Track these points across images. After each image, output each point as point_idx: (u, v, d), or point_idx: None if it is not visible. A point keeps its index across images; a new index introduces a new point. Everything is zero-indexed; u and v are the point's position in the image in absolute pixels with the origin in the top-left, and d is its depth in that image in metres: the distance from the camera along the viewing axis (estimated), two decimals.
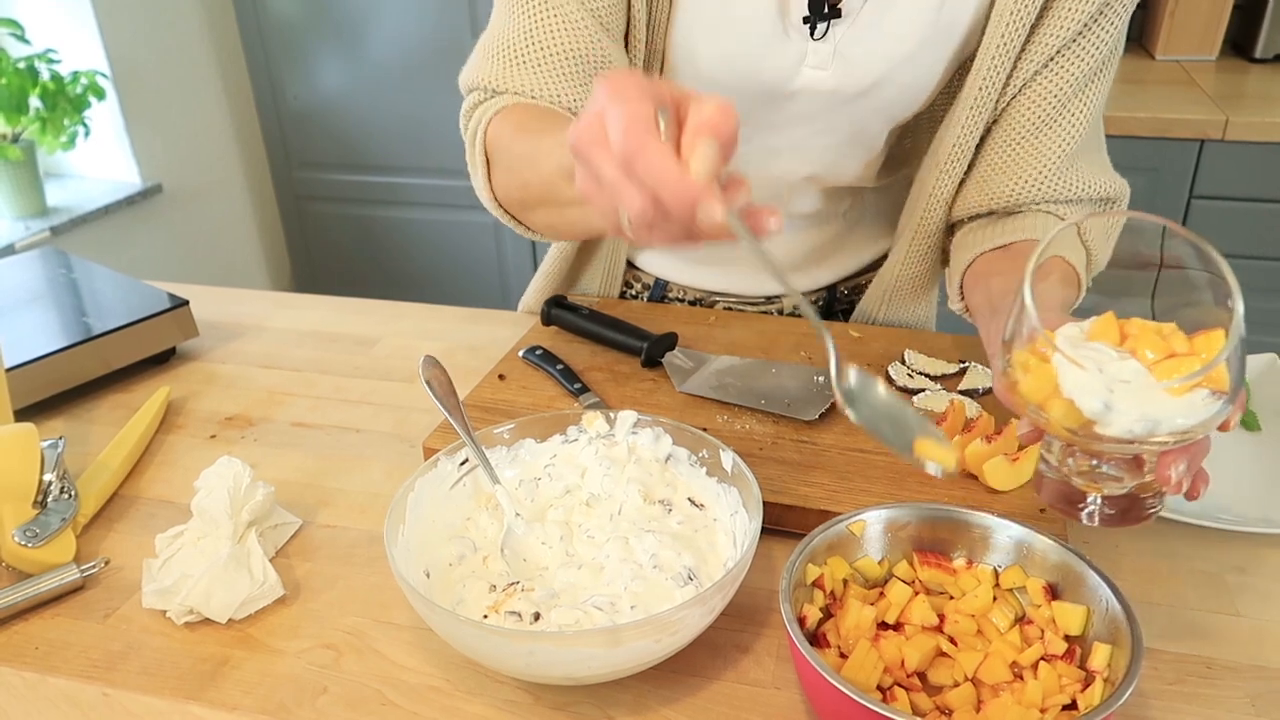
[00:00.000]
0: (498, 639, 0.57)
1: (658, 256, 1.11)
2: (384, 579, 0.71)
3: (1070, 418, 0.52)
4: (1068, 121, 0.87)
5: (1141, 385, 0.51)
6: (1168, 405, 0.51)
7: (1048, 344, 0.53)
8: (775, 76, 0.87)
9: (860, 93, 0.88)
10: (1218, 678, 0.62)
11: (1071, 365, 0.52)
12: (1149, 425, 0.51)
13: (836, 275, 1.10)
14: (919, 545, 0.66)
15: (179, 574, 0.67)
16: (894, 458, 0.78)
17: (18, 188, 2.23)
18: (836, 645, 0.60)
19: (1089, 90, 0.87)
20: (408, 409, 0.93)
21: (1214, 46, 2.24)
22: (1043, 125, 0.87)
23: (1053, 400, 0.53)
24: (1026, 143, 0.88)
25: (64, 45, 2.30)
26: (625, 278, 1.13)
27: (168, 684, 0.63)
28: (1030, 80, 0.86)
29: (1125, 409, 0.51)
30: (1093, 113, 0.88)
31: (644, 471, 0.72)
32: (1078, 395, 0.51)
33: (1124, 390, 0.51)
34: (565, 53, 0.84)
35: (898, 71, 0.87)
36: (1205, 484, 0.59)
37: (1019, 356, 0.55)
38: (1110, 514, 0.58)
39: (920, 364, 0.91)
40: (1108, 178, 0.91)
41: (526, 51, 0.85)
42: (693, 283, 1.10)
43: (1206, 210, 1.97)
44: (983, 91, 0.86)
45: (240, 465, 0.72)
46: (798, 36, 0.85)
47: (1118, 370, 0.51)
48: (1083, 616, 0.59)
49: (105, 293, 1.09)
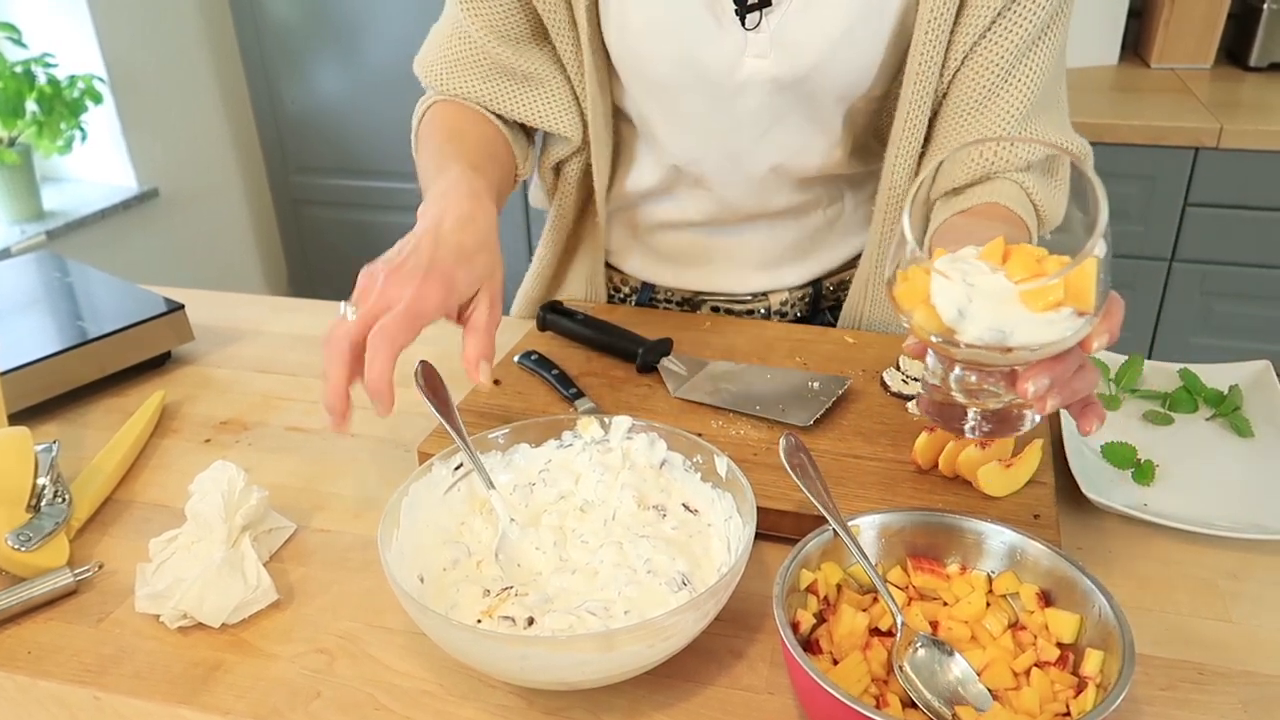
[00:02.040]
0: (491, 644, 0.57)
1: (640, 259, 1.12)
2: (378, 584, 0.71)
3: (931, 322, 0.57)
4: (1015, 87, 0.87)
5: (997, 296, 0.55)
6: (1021, 317, 0.55)
7: (920, 258, 0.58)
8: (719, 70, 0.89)
9: (804, 76, 0.89)
10: (1209, 684, 0.62)
11: (939, 276, 0.56)
12: (998, 334, 0.55)
13: (821, 270, 1.10)
14: (913, 551, 0.66)
15: (172, 578, 0.67)
16: (888, 463, 0.78)
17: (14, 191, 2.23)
18: (829, 651, 0.60)
19: (1035, 52, 0.86)
20: (402, 414, 0.93)
21: (1209, 55, 2.26)
22: (990, 93, 0.87)
23: (920, 307, 0.57)
24: (977, 113, 0.88)
25: (61, 49, 2.30)
26: (614, 281, 1.14)
27: (160, 688, 0.63)
28: (971, 50, 0.86)
29: (979, 317, 0.55)
30: (1043, 74, 0.87)
31: (638, 477, 0.72)
32: (939, 302, 0.56)
33: (981, 299, 0.55)
34: (479, 62, 0.96)
35: (837, 51, 0.87)
36: (1099, 419, 0.64)
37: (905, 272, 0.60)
38: (988, 428, 0.63)
39: (915, 369, 0.91)
40: (1066, 137, 0.91)
41: (449, 58, 0.97)
42: (678, 284, 1.11)
43: (1201, 218, 1.98)
44: (923, 66, 0.86)
45: (235, 470, 0.72)
46: (733, 28, 0.87)
47: (980, 282, 0.55)
48: (1075, 624, 0.59)
49: (101, 297, 1.09)
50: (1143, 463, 0.80)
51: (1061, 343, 0.56)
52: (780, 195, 1.02)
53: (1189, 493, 0.78)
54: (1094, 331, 0.57)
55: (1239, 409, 0.86)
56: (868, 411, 0.86)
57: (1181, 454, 0.82)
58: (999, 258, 0.58)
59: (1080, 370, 0.61)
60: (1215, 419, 0.87)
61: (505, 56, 0.95)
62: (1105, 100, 2.09)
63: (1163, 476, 0.80)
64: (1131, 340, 2.12)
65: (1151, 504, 0.76)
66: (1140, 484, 0.79)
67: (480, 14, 0.93)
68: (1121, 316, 0.60)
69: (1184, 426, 0.86)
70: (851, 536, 0.63)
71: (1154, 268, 2.04)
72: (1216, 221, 1.97)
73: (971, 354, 0.57)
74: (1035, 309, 0.55)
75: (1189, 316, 2.06)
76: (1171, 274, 2.04)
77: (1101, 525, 0.75)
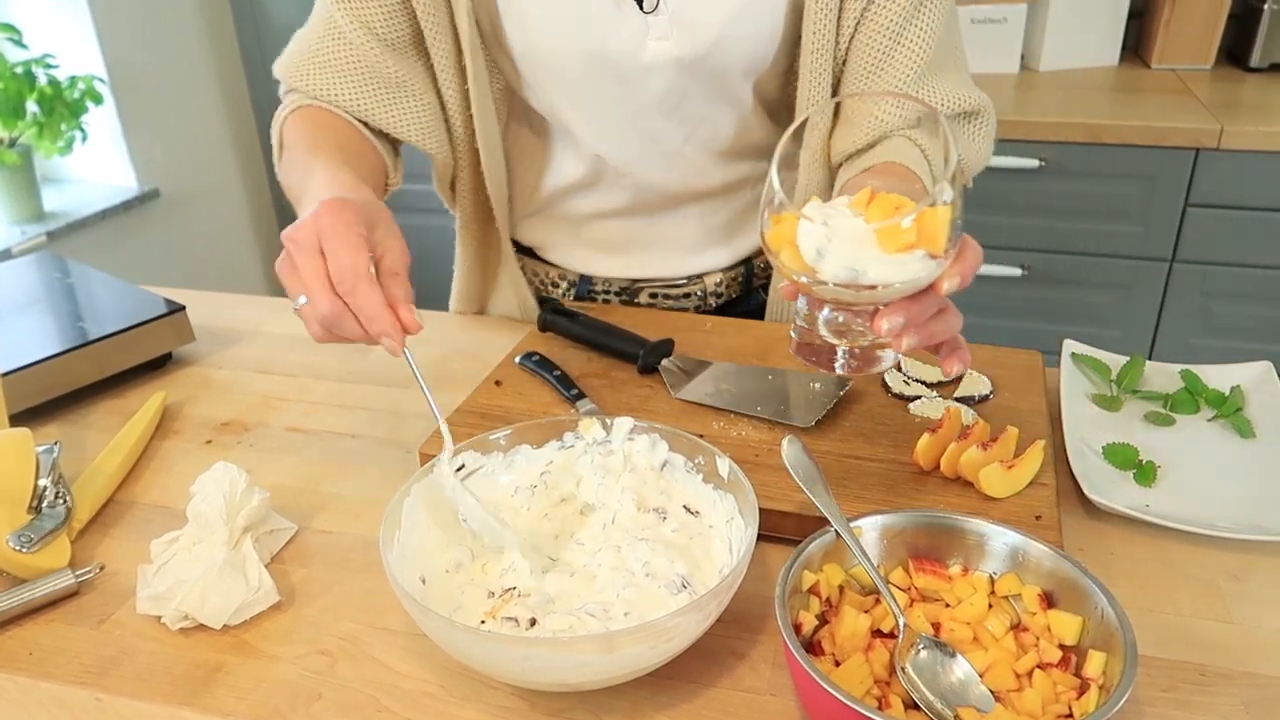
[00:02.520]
0: (492, 645, 0.57)
1: (574, 253, 1.12)
2: (379, 585, 0.71)
3: (795, 262, 0.61)
4: (908, 48, 0.90)
5: (853, 237, 0.60)
6: (874, 257, 0.59)
7: (786, 205, 0.62)
8: (624, 55, 0.90)
9: (706, 54, 0.90)
10: (1211, 685, 0.62)
11: (805, 220, 0.61)
12: (852, 272, 0.60)
13: (750, 249, 1.12)
14: (915, 552, 0.66)
15: (174, 579, 0.67)
16: (889, 465, 0.78)
17: (14, 192, 2.23)
18: (832, 653, 0.60)
19: (924, 12, 0.89)
20: (403, 414, 0.93)
21: (1209, 56, 2.25)
22: (885, 55, 0.90)
23: (786, 248, 0.62)
24: (874, 75, 0.91)
25: (62, 50, 2.30)
26: (551, 276, 1.14)
27: (161, 689, 0.63)
28: (863, 15, 0.89)
29: (836, 255, 0.60)
30: (934, 33, 0.90)
31: (639, 480, 0.72)
32: (801, 243, 0.61)
33: (838, 240, 0.60)
34: (352, 65, 0.93)
35: (735, 27, 0.89)
36: (962, 363, 0.68)
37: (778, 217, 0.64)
38: (855, 364, 0.67)
39: (917, 371, 0.91)
40: (963, 91, 0.94)
41: (320, 59, 0.94)
42: (614, 274, 1.12)
43: (1202, 219, 1.97)
44: (818, 35, 0.89)
45: (236, 471, 0.72)
46: (633, 13, 0.88)
47: (839, 225, 0.60)
48: (1078, 627, 0.59)
49: (101, 298, 1.09)
50: (1144, 464, 0.80)
51: (914, 282, 0.61)
52: (705, 176, 1.03)
53: (1191, 494, 0.78)
54: (945, 273, 0.62)
55: (1241, 410, 0.86)
56: (869, 413, 0.85)
57: (1183, 455, 0.82)
58: (864, 205, 0.63)
59: (941, 314, 0.65)
60: (1217, 420, 0.87)
61: (380, 61, 0.93)
62: (1106, 101, 2.09)
63: (1164, 477, 0.80)
64: (1132, 341, 2.12)
65: (1153, 505, 0.76)
66: (1142, 485, 0.79)
67: (360, 15, 0.91)
68: (976, 262, 0.63)
69: (1186, 427, 0.86)
70: (854, 538, 0.63)
71: (1154, 268, 2.04)
72: (1217, 222, 1.97)
73: (833, 292, 0.62)
74: (889, 250, 0.59)
75: (1189, 317, 2.06)
76: (1172, 275, 2.04)
77: (1103, 526, 0.75)
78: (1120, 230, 2.03)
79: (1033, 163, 1.99)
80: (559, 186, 1.05)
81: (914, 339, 0.63)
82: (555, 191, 1.06)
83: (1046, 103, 2.08)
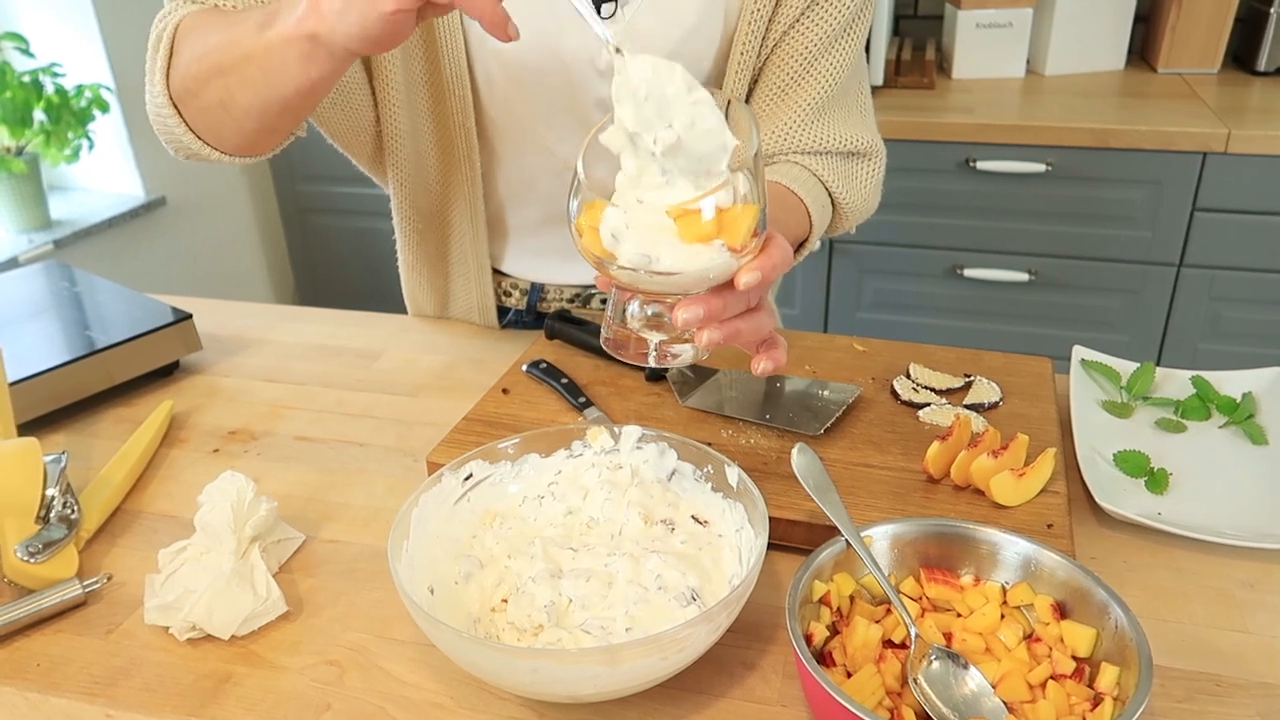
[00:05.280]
0: (501, 656, 0.56)
1: (524, 262, 1.11)
2: (387, 594, 0.71)
3: (595, 245, 0.62)
4: (815, 78, 0.94)
5: (651, 224, 0.60)
6: (669, 244, 0.59)
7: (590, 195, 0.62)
8: (577, 60, 0.92)
9: None
10: (1227, 695, 0.61)
11: (611, 207, 0.61)
12: (645, 258, 0.60)
13: None
14: (926, 561, 0.65)
15: (182, 589, 0.67)
16: (899, 473, 0.78)
17: (21, 201, 2.23)
18: (843, 663, 0.59)
19: (836, 48, 0.93)
20: (411, 423, 0.93)
21: (1216, 59, 2.25)
22: (792, 81, 0.94)
23: (588, 232, 0.62)
24: (778, 98, 0.95)
25: (68, 59, 2.30)
26: (504, 286, 1.13)
27: (170, 701, 0.63)
28: (781, 40, 0.93)
29: (631, 241, 0.60)
30: (840, 72, 0.94)
31: (645, 494, 0.71)
32: (601, 228, 0.61)
33: (636, 226, 0.60)
34: None
35: (688, 43, 0.92)
36: (773, 362, 0.68)
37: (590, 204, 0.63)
38: (670, 355, 0.67)
39: (925, 378, 0.91)
40: (857, 133, 0.97)
41: None
42: (568, 280, 1.12)
43: (1209, 223, 1.97)
44: (744, 55, 0.93)
45: (243, 480, 0.72)
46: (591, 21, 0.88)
47: (643, 214, 0.60)
48: (1091, 639, 0.59)
49: (108, 306, 1.09)
50: (1156, 471, 0.79)
51: (706, 271, 0.60)
52: None
53: (1203, 501, 0.77)
54: (743, 266, 0.61)
55: (1253, 416, 0.86)
56: (879, 420, 0.85)
57: (1195, 462, 0.82)
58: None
59: (750, 313, 0.65)
60: (1228, 426, 0.86)
61: None
62: (1112, 105, 2.08)
63: (1176, 485, 0.79)
64: (1140, 346, 2.12)
65: (1165, 513, 0.75)
66: (1154, 493, 0.78)
67: None
68: (779, 259, 0.63)
69: (1197, 434, 0.86)
70: (864, 547, 0.62)
71: (1162, 273, 2.04)
72: (1225, 226, 1.96)
73: (629, 277, 0.62)
74: (687, 239, 0.59)
75: (1198, 322, 2.05)
76: (1180, 279, 2.03)
77: (1115, 535, 0.75)
78: (1127, 235, 2.02)
79: (1039, 167, 1.99)
80: (506, 194, 1.05)
81: (716, 334, 0.63)
82: (502, 200, 1.06)
83: (1053, 107, 2.07)
